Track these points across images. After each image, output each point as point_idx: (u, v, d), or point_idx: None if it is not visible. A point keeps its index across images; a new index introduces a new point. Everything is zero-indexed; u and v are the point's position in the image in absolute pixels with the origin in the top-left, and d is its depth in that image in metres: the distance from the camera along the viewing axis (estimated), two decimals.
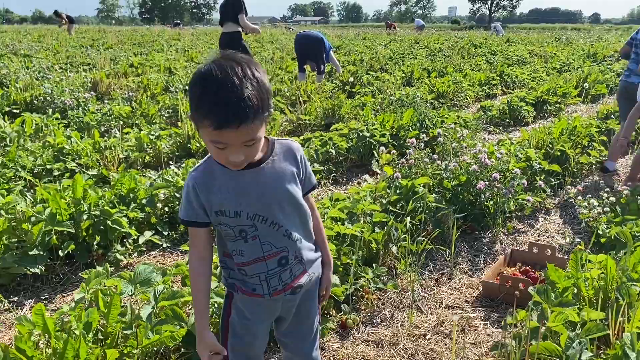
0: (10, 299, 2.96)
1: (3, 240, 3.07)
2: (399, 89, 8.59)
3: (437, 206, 3.50)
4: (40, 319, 1.82)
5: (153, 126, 6.00)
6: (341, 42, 20.49)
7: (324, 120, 6.85)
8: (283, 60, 13.10)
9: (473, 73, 10.57)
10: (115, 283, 2.29)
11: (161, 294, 2.27)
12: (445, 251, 3.40)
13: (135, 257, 3.45)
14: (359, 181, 4.86)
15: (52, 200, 3.10)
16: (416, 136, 5.45)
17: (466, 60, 13.28)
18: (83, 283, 2.35)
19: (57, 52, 14.78)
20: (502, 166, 3.92)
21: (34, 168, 4.50)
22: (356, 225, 3.02)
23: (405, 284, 3.07)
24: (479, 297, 3.00)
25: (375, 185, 3.66)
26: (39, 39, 21.48)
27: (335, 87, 8.91)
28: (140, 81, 9.02)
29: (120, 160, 4.98)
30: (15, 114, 6.71)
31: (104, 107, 6.89)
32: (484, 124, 7.22)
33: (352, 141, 5.37)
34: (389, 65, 12.37)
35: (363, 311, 2.82)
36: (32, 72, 9.57)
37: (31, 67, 10.54)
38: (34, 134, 5.61)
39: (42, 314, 1.82)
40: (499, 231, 3.75)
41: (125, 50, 16.32)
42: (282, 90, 8.21)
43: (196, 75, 1.34)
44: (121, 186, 3.66)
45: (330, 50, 9.90)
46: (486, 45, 18.34)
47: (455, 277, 3.22)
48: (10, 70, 9.58)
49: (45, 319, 1.82)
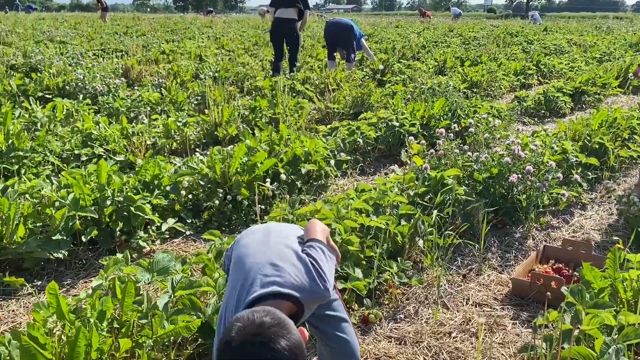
0: (33, 283, 2.97)
1: (28, 225, 3.09)
2: (430, 78, 8.40)
3: (467, 199, 3.37)
4: (54, 299, 1.78)
5: (181, 113, 5.99)
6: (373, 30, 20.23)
7: (352, 109, 6.74)
8: (314, 47, 12.98)
9: (508, 62, 10.27)
10: (133, 271, 2.26)
11: (179, 283, 2.23)
12: (474, 246, 3.27)
13: (158, 244, 3.43)
14: (387, 172, 4.75)
15: (76, 186, 3.10)
16: (447, 126, 5.30)
17: (501, 49, 12.93)
18: (102, 270, 2.32)
19: (92, 39, 14.99)
20: (537, 158, 3.76)
21: (62, 153, 4.53)
22: (381, 217, 2.92)
23: (431, 279, 2.96)
24: (509, 294, 2.88)
25: (403, 177, 3.55)
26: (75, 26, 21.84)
27: (365, 76, 8.77)
28: (170, 68, 9.04)
29: (148, 147, 4.98)
30: (47, 99, 6.79)
31: (134, 93, 6.92)
32: (519, 114, 7.00)
33: (380, 131, 5.25)
34: (421, 53, 12.12)
35: (386, 306, 2.73)
36: (66, 58, 9.70)
37: (65, 53, 10.68)
38: (65, 119, 5.66)
39: (55, 293, 1.79)
40: (531, 226, 3.60)
41: (158, 37, 16.43)
42: (311, 78, 8.11)
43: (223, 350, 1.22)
44: (145, 172, 3.64)
45: (362, 38, 9.74)
46: (522, 34, 17.84)
47: (483, 273, 3.10)
48: (45, 57, 9.73)
49: (59, 299, 1.79)
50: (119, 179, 3.45)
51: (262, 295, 1.46)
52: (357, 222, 2.83)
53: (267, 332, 1.18)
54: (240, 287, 1.53)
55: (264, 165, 3.88)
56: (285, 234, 1.77)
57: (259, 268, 1.55)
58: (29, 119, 5.39)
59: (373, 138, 5.11)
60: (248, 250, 1.66)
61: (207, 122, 5.53)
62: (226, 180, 3.82)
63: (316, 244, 1.71)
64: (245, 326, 1.19)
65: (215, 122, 5.49)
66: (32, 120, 5.38)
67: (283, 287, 1.49)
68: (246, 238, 1.76)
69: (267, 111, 5.94)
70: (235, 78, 8.43)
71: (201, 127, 5.53)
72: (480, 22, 29.86)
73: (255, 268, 1.56)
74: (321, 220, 2.90)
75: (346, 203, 3.04)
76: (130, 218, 3.29)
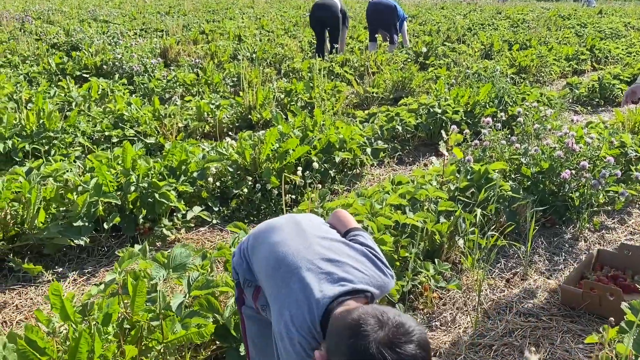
0: (54, 269, 2.88)
1: (51, 209, 2.99)
2: (476, 62, 8.00)
3: (513, 196, 3.10)
4: (57, 300, 1.65)
5: (215, 95, 5.84)
6: (417, 11, 19.63)
7: (393, 93, 6.46)
8: (355, 29, 12.64)
9: (559, 46, 9.71)
10: (148, 266, 2.11)
11: (195, 281, 2.07)
12: (519, 247, 3.01)
13: (183, 232, 3.29)
14: (426, 162, 4.48)
15: (99, 171, 2.98)
16: (493, 114, 4.98)
17: (552, 33, 12.29)
18: (116, 263, 2.18)
19: (134, 19, 15.04)
20: (592, 153, 3.43)
21: (93, 134, 4.45)
22: (418, 214, 2.69)
23: (471, 282, 2.72)
24: (557, 303, 2.61)
25: (442, 169, 3.29)
26: (120, 5, 22.04)
27: (407, 59, 8.43)
28: (208, 48, 8.91)
29: (179, 129, 4.86)
30: (85, 79, 6.76)
31: (170, 74, 6.81)
32: (570, 102, 6.57)
33: (421, 117, 4.97)
34: (467, 36, 11.63)
35: (421, 311, 2.52)
36: (106, 37, 9.70)
37: (106, 32, 10.71)
38: (100, 99, 5.59)
39: (59, 294, 1.65)
40: (583, 227, 3.30)
41: (199, 17, 16.37)
42: (350, 61, 7.84)
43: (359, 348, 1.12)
44: (172, 157, 3.49)
45: (405, 21, 9.38)
46: (575, 17, 16.96)
47: (529, 278, 2.84)
48: (86, 35, 9.76)
49: (63, 300, 1.65)
50: (145, 163, 3.32)
51: (340, 294, 1.31)
52: (391, 220, 2.60)
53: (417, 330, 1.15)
54: (301, 289, 1.35)
55: (296, 153, 3.69)
56: (317, 225, 1.60)
57: (317, 267, 1.39)
58: (64, 98, 5.34)
59: (413, 125, 4.84)
60: (288, 249, 1.46)
61: (241, 105, 5.37)
62: (256, 167, 3.65)
63: (361, 232, 1.59)
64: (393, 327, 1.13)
65: (249, 105, 5.32)
66: (67, 99, 5.33)
67: (356, 284, 1.36)
68: (274, 235, 1.55)
69: (303, 95, 5.72)
70: (273, 59, 8.23)
71: (235, 110, 5.36)
72: (530, 4, 28.67)
73: (310, 267, 1.39)
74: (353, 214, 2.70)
75: (381, 197, 2.82)
76: (154, 205, 3.16)
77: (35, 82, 6.42)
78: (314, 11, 8.48)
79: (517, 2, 33.28)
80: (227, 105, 5.36)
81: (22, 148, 3.92)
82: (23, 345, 1.51)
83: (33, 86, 6.21)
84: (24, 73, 6.69)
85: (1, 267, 2.81)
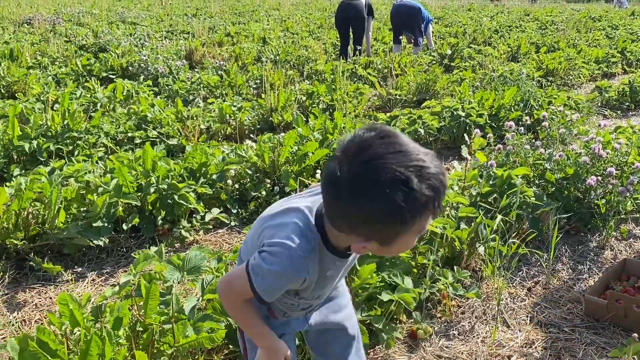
0: (74, 269, 2.91)
1: (72, 209, 3.03)
2: (502, 64, 7.87)
3: (536, 203, 3.02)
4: (66, 309, 1.65)
5: (237, 97, 5.86)
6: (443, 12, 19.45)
7: (416, 95, 6.39)
8: (380, 30, 12.58)
9: (589, 49, 9.50)
10: (163, 268, 2.11)
11: (209, 284, 2.06)
12: (542, 256, 2.93)
13: (201, 234, 3.30)
14: (448, 167, 4.41)
15: (118, 172, 3.00)
16: (518, 118, 4.88)
17: (582, 35, 12.03)
18: (131, 265, 2.19)
19: (161, 21, 15.23)
20: (620, 159, 3.33)
21: (116, 135, 4.50)
22: (437, 220, 2.64)
23: (492, 291, 2.66)
24: (581, 314, 2.53)
25: (464, 174, 3.23)
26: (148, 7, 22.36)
27: (432, 60, 8.35)
28: (232, 50, 8.97)
29: (202, 131, 4.89)
30: (111, 80, 6.86)
31: (194, 75, 6.86)
32: (599, 106, 6.40)
33: (444, 120, 4.90)
34: (493, 38, 11.47)
35: (438, 320, 2.47)
36: (133, 39, 9.84)
37: (133, 34, 10.86)
38: (124, 100, 5.66)
39: (67, 303, 1.66)
40: (610, 235, 3.20)
41: (225, 19, 16.51)
42: (374, 62, 7.79)
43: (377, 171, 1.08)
44: (192, 160, 3.51)
45: (430, 23, 9.29)
46: (606, 19, 16.59)
47: (552, 286, 2.76)
48: (113, 37, 9.92)
49: (72, 309, 1.66)
50: (165, 164, 3.34)
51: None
52: None
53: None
54: (278, 225, 1.31)
55: (315, 156, 3.66)
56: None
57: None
58: (90, 99, 5.43)
59: (436, 128, 4.78)
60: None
61: (263, 107, 5.37)
62: (275, 169, 3.64)
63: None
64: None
65: (270, 107, 5.32)
66: (92, 100, 5.41)
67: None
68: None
69: (325, 97, 5.71)
70: (296, 61, 8.23)
71: (256, 112, 5.37)
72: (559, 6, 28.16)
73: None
74: None
75: None
76: (173, 206, 3.17)
77: (63, 83, 6.54)
78: (339, 11, 8.46)
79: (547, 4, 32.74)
80: (248, 107, 5.38)
81: (47, 148, 3.98)
82: (34, 347, 1.52)
83: (61, 87, 6.33)
84: (52, 74, 6.82)
85: (22, 266, 2.85)
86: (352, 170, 1.08)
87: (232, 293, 1.35)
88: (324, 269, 1.31)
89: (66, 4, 20.70)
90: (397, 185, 1.05)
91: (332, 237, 1.26)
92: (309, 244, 1.24)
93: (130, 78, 6.88)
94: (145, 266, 2.14)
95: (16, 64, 7.15)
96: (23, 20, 14.14)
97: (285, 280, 1.27)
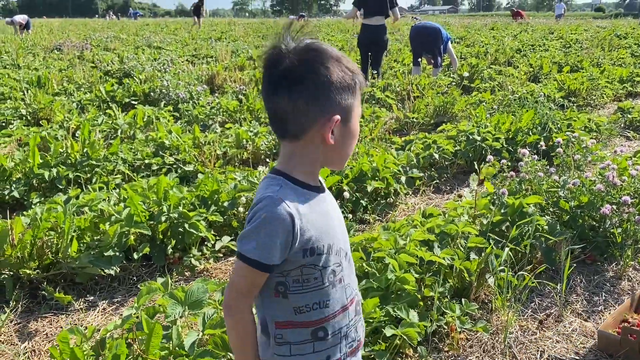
0: (86, 297, 2.95)
1: (85, 238, 3.09)
2: (522, 85, 7.80)
3: (547, 237, 2.95)
4: (66, 347, 1.68)
5: (255, 122, 5.93)
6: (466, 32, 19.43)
7: (434, 118, 6.37)
8: (400, 52, 12.63)
9: (613, 68, 9.35)
10: (165, 302, 2.13)
11: (210, 319, 2.07)
12: (554, 287, 2.86)
13: (212, 262, 3.32)
14: (460, 194, 4.36)
15: (130, 201, 3.05)
16: (536, 142, 4.81)
17: (606, 54, 11.86)
18: (136, 297, 2.22)
19: (186, 45, 15.56)
20: (637, 186, 3.25)
21: (134, 162, 4.58)
22: (445, 250, 2.61)
23: (502, 323, 2.61)
24: (594, 349, 2.46)
25: (475, 202, 3.19)
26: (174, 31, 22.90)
27: (451, 82, 8.32)
28: (253, 75, 9.09)
29: (218, 156, 4.94)
30: (133, 106, 7.01)
31: (214, 100, 6.97)
32: (622, 127, 6.28)
33: (460, 144, 4.87)
34: (515, 58, 11.40)
35: (445, 353, 2.42)
36: (157, 64, 10.06)
37: (157, 59, 11.11)
38: (144, 126, 5.77)
39: (67, 341, 1.68)
40: (627, 265, 3.11)
41: (248, 43, 16.77)
42: (392, 85, 7.80)
43: (322, 53, 1.19)
44: (204, 187, 3.55)
45: (449, 42, 9.28)
46: (633, 36, 16.33)
47: (565, 319, 2.69)
48: (138, 62, 10.16)
49: (74, 349, 1.68)
50: (178, 192, 3.38)
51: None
52: (415, 257, 2.54)
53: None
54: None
55: (327, 182, 3.67)
56: None
57: None
58: (111, 125, 5.56)
59: (451, 152, 4.75)
60: None
61: None
62: None
63: None
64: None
65: None
66: (113, 126, 5.54)
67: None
68: None
69: None
70: None
71: (273, 137, 5.41)
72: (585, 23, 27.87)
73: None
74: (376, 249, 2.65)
75: (406, 232, 2.75)
76: (184, 235, 3.21)
77: (87, 109, 6.71)
78: (362, 32, 8.50)
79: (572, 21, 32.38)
80: (265, 132, 5.43)
81: (66, 176, 4.07)
82: None
83: (84, 113, 6.50)
84: (77, 100, 7.01)
85: (36, 294, 2.91)
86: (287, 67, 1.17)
87: (232, 289, 1.21)
88: (310, 206, 1.20)
89: (95, 29, 21.32)
90: (334, 60, 1.18)
91: (295, 173, 1.21)
92: (275, 185, 1.18)
93: (152, 104, 7.02)
94: (148, 299, 2.16)
95: (43, 90, 7.38)
96: (53, 47, 14.62)
97: (273, 227, 1.14)
